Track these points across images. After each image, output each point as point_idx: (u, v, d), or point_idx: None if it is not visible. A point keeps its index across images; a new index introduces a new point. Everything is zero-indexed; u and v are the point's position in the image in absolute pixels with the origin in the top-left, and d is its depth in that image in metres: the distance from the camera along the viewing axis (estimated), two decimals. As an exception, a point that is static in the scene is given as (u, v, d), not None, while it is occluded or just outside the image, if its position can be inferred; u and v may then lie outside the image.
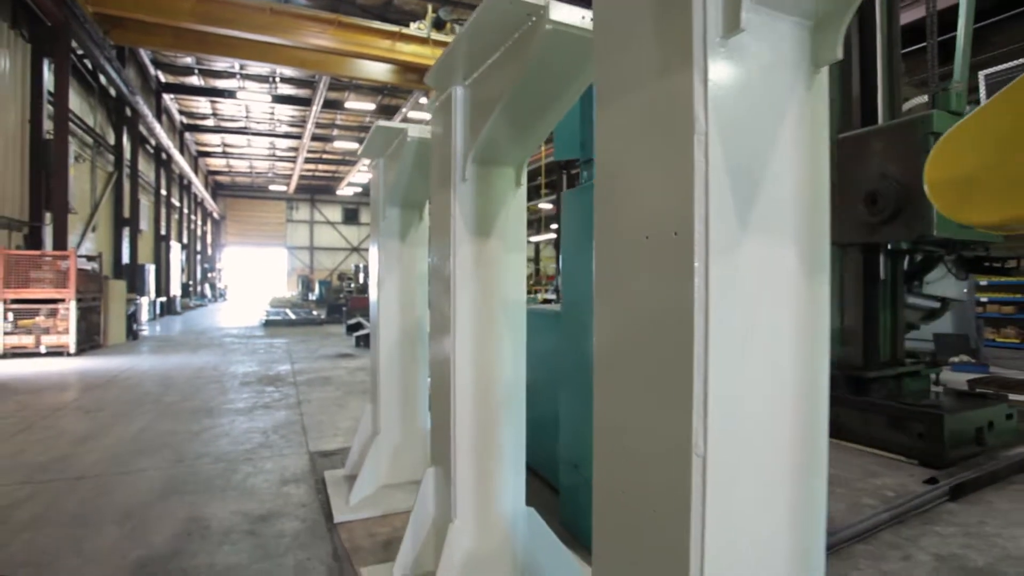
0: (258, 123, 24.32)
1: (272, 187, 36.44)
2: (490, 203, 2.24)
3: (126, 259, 15.91)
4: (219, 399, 5.99)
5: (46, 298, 9.08)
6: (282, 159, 30.39)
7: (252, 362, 8.74)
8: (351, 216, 40.26)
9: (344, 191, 35.03)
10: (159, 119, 18.44)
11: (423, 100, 18.58)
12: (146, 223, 19.31)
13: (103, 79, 14.15)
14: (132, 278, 14.86)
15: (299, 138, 24.63)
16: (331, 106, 20.80)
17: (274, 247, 38.91)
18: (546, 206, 23.95)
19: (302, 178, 33.59)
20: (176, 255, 23.21)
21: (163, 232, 21.60)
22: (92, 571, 2.45)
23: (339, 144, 26.04)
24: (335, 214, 39.95)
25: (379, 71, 15.34)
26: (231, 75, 19.00)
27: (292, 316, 17.88)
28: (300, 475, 3.69)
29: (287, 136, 25.58)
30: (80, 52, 12.17)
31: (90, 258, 11.38)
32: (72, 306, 9.19)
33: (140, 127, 17.18)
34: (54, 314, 9.12)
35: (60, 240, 10.25)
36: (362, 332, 11.19)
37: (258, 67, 17.60)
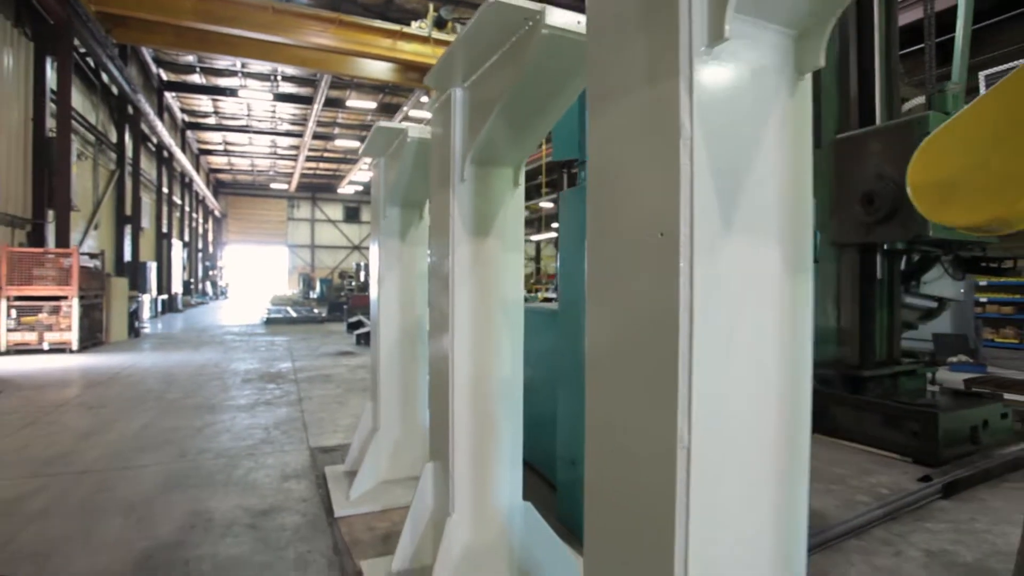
0: (260, 121, 24.36)
1: (273, 185, 36.49)
2: (488, 203, 2.28)
3: (128, 257, 15.97)
4: (221, 396, 6.04)
5: (49, 295, 9.14)
6: (283, 157, 30.43)
7: (253, 359, 8.79)
8: (352, 214, 40.29)
9: (345, 189, 35.04)
10: (161, 117, 18.49)
11: (424, 99, 18.60)
12: (148, 221, 19.37)
13: (105, 77, 14.20)
14: (134, 276, 14.93)
15: (300, 136, 24.67)
16: (332, 104, 20.83)
17: (275, 245, 38.97)
18: (547, 205, 23.94)
19: (303, 176, 33.63)
20: (178, 253, 23.28)
21: (165, 230, 21.65)
22: (100, 560, 2.50)
23: (340, 142, 26.07)
24: (336, 212, 40.00)
25: (380, 70, 15.37)
26: (233, 73, 19.03)
27: (293, 314, 17.93)
28: (301, 471, 3.73)
29: (288, 134, 25.63)
30: (83, 50, 12.23)
31: (92, 256, 11.44)
32: (75, 303, 9.24)
33: (142, 125, 17.24)
34: (57, 311, 9.18)
35: (63, 238, 10.31)
36: (363, 330, 11.23)
37: (260, 65, 17.62)
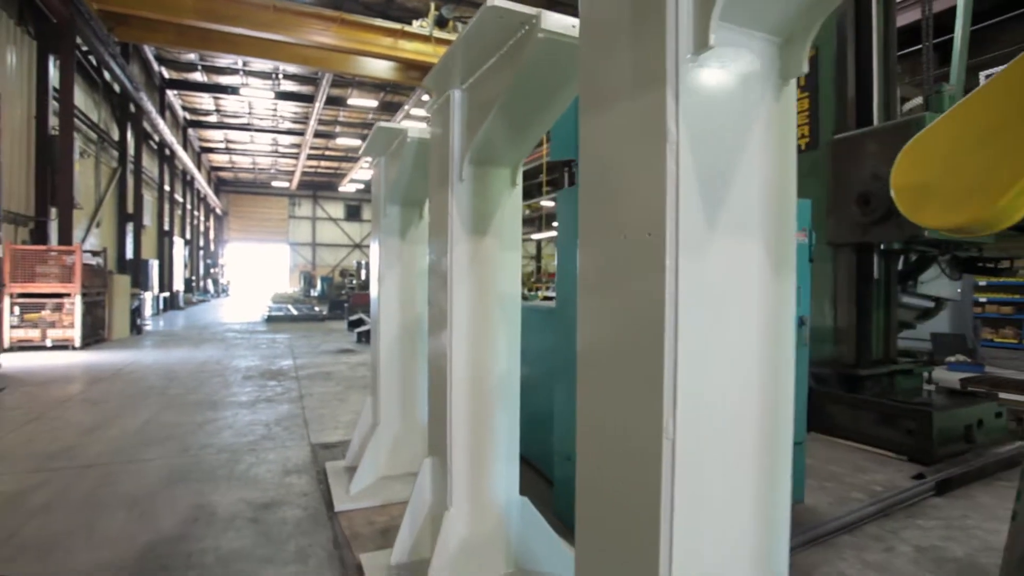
0: (261, 119, 24.39)
1: (275, 183, 36.54)
2: (486, 203, 2.32)
3: (130, 254, 16.03)
4: (222, 392, 6.09)
5: (52, 292, 9.20)
6: (285, 155, 30.47)
7: (255, 357, 8.84)
8: (353, 213, 40.32)
9: (347, 188, 35.07)
10: (163, 115, 18.53)
11: (426, 97, 18.62)
12: (150, 219, 19.43)
13: (107, 75, 14.25)
14: (136, 273, 14.98)
15: (302, 134, 24.72)
16: (334, 103, 20.85)
17: (276, 243, 39.01)
18: (548, 203, 23.96)
19: (305, 174, 33.66)
20: (179, 251, 23.32)
21: (166, 228, 21.70)
22: (104, 553, 2.55)
23: (342, 141, 26.10)
24: (337, 210, 40.03)
25: (381, 68, 15.41)
26: (234, 71, 19.07)
27: (294, 312, 17.99)
28: (302, 466, 3.78)
29: (290, 132, 25.67)
30: (85, 48, 12.27)
31: (95, 253, 11.48)
32: (77, 300, 9.30)
33: (144, 123, 17.29)
34: (60, 308, 9.23)
35: (65, 235, 10.36)
36: (363, 328, 11.28)
37: (261, 64, 17.64)
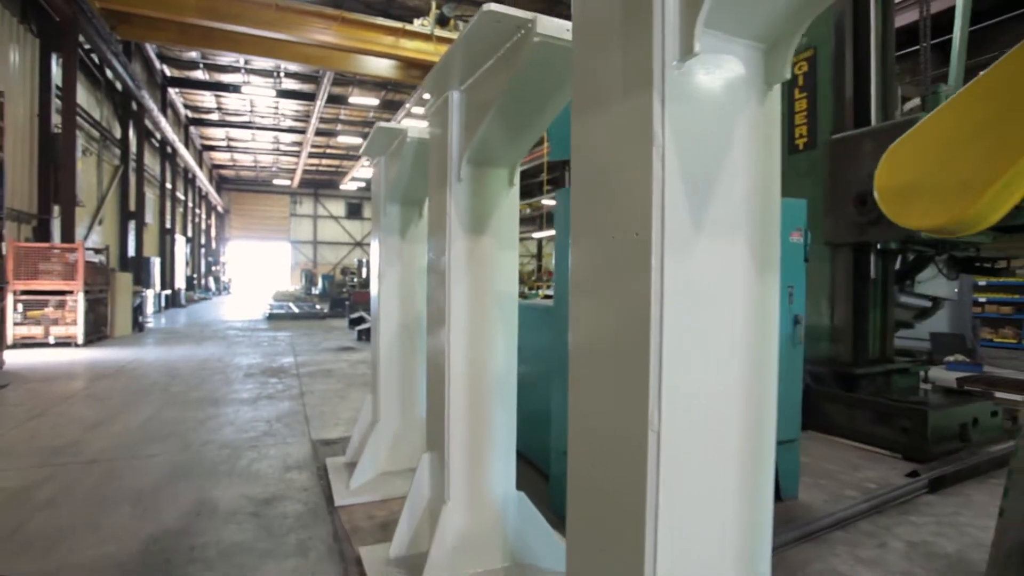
0: (262, 117, 24.44)
1: (276, 181, 36.59)
2: (484, 203, 2.36)
3: (132, 252, 16.07)
4: (224, 389, 6.14)
5: (55, 290, 9.25)
6: (286, 153, 30.52)
7: (256, 354, 8.89)
8: (354, 211, 40.37)
9: (348, 186, 35.09)
10: (164, 113, 18.57)
11: (427, 96, 18.63)
12: (151, 216, 19.48)
13: (110, 73, 14.29)
14: (138, 271, 15.04)
15: (303, 133, 24.75)
16: (335, 101, 20.87)
17: (278, 241, 39.07)
18: (549, 203, 23.98)
19: (306, 173, 33.71)
20: (181, 248, 23.39)
21: (168, 225, 21.76)
22: (108, 545, 2.60)
23: (343, 139, 26.13)
24: (338, 209, 40.08)
25: (383, 67, 15.42)
26: (236, 70, 19.11)
27: (295, 310, 18.05)
28: (303, 462, 3.83)
29: (291, 131, 25.71)
30: (87, 47, 12.31)
31: (97, 251, 11.53)
32: (80, 298, 9.35)
33: (146, 121, 17.33)
34: (62, 305, 9.29)
35: (68, 233, 10.40)
36: (364, 326, 11.32)
37: (263, 62, 17.67)
